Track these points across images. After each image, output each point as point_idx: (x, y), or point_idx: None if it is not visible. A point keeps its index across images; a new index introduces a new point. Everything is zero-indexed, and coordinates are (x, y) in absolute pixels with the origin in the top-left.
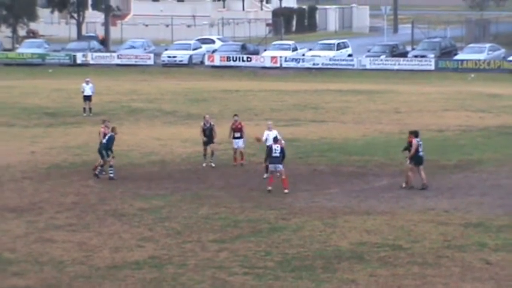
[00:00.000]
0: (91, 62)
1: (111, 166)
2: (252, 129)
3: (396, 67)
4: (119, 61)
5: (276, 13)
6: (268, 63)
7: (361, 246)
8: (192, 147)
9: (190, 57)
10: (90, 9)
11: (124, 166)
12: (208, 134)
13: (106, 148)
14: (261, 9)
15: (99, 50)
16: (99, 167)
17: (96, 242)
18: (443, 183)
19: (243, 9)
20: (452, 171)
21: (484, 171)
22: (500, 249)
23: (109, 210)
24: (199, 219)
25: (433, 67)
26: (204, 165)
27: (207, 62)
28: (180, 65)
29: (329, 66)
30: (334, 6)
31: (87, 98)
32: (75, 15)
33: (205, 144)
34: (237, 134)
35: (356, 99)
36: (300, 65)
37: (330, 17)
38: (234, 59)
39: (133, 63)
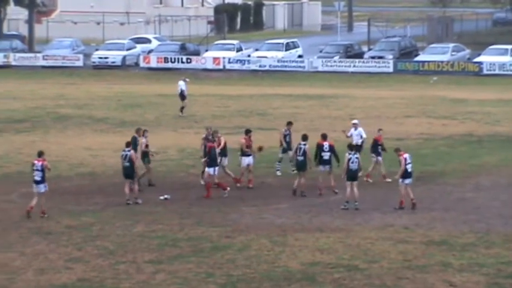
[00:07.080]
0: (13, 63)
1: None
2: (191, 138)
3: (351, 69)
4: (44, 62)
5: (218, 9)
6: (210, 65)
7: (313, 267)
8: None
9: (124, 58)
10: (12, 4)
11: (50, 179)
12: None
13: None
14: (202, 5)
15: (22, 51)
16: None
17: (19, 263)
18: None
19: (182, 5)
20: (413, 184)
21: (447, 184)
22: (465, 269)
23: (33, 227)
24: (134, 237)
25: (391, 69)
26: None
27: (142, 64)
28: (112, 67)
29: (277, 68)
30: (283, 2)
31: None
32: None
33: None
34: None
35: (307, 104)
36: (245, 66)
37: (278, 13)
38: (173, 60)
39: (60, 64)
